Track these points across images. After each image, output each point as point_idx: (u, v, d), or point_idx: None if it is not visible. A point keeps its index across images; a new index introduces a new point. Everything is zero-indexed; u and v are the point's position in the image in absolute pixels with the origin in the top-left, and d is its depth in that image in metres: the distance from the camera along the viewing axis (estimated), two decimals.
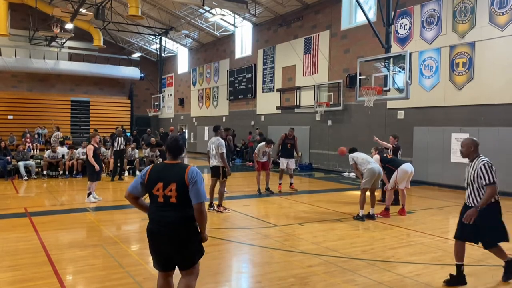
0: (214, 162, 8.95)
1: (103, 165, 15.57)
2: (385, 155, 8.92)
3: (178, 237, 3.42)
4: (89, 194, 9.90)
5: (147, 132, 20.49)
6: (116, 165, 14.11)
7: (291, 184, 12.19)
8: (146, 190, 3.55)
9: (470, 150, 4.87)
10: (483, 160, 4.78)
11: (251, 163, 20.14)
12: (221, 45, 25.68)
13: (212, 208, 8.86)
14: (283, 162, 12.10)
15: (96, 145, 10.24)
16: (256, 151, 11.58)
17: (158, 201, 3.45)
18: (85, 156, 12.02)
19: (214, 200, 9.07)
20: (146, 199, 3.70)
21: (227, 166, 8.84)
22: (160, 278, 3.66)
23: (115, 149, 14.00)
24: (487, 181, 4.70)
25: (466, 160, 5.02)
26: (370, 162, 8.39)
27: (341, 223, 7.97)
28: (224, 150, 8.71)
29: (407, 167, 8.53)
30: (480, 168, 4.73)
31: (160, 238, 3.45)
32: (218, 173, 8.87)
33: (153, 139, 16.95)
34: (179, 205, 3.41)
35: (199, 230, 3.59)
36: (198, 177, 3.43)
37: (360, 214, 8.21)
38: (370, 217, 8.26)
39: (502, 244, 4.93)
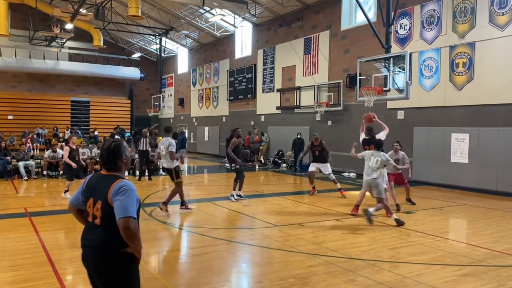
0: (164, 164, 9.10)
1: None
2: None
3: (101, 266, 2.82)
4: (66, 191, 10.37)
5: (151, 130, 19.32)
6: (141, 166, 14.37)
7: (339, 189, 11.25)
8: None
9: None
10: None
11: (250, 163, 20.17)
12: (221, 45, 25.69)
13: (183, 207, 9.01)
14: (312, 168, 11.51)
15: (74, 147, 10.66)
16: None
17: (88, 219, 2.92)
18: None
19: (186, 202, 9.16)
20: None
21: (178, 158, 9.08)
22: None
23: (139, 149, 14.17)
24: None
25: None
26: (367, 172, 8.05)
27: (342, 223, 7.97)
28: (174, 150, 8.82)
29: None
30: None
31: (86, 265, 2.92)
32: (171, 175, 8.90)
33: (159, 139, 16.89)
34: (105, 228, 2.79)
35: (131, 260, 2.86)
36: (124, 191, 2.75)
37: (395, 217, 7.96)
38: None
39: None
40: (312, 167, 11.51)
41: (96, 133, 25.77)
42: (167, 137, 9.04)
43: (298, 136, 17.88)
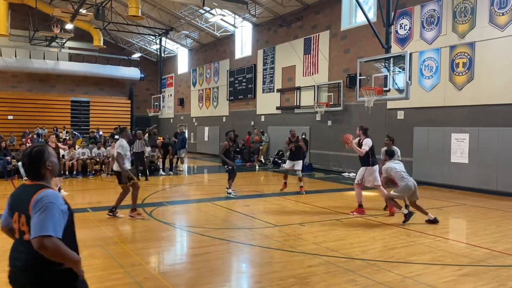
0: (114, 166, 8.56)
1: (103, 166, 15.66)
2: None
3: None
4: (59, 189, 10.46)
5: (150, 131, 19.55)
6: (137, 167, 14.27)
7: (301, 187, 11.78)
8: None
9: None
10: None
11: (250, 163, 20.19)
12: (221, 46, 25.69)
13: (111, 213, 8.31)
14: (288, 164, 11.94)
15: (53, 146, 10.65)
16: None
17: (15, 236, 2.58)
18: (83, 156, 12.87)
19: (138, 206, 8.59)
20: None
21: (122, 169, 8.13)
22: None
23: (133, 151, 14.13)
24: None
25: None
26: (405, 176, 8.01)
27: (342, 223, 7.97)
28: (120, 151, 8.12)
29: None
30: None
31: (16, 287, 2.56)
32: (119, 179, 8.32)
33: (160, 139, 16.98)
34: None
35: (72, 277, 2.52)
36: (42, 204, 2.40)
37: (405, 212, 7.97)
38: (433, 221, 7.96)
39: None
40: (289, 164, 11.93)
41: (100, 133, 25.77)
42: (120, 139, 8.49)
43: (303, 136, 17.88)
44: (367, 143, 8.91)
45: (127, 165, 8.32)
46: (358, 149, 8.92)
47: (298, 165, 11.77)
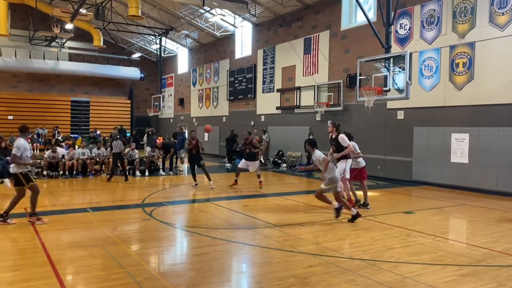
0: (10, 168, 7.93)
1: (103, 166, 15.66)
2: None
3: None
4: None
5: (149, 131, 19.30)
6: (114, 166, 14.35)
7: (260, 181, 12.71)
8: None
9: None
10: None
11: None
12: (221, 45, 25.69)
13: (30, 222, 7.65)
14: (243, 164, 12.75)
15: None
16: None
17: None
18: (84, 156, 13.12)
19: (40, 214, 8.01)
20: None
21: (27, 164, 7.75)
22: None
23: (113, 151, 14.19)
24: None
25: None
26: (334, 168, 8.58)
27: (341, 223, 7.97)
28: (15, 152, 7.63)
29: None
30: None
31: None
32: (20, 181, 7.84)
33: (159, 140, 16.97)
34: None
35: None
36: None
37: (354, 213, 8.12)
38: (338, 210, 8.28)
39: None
40: (243, 164, 12.69)
41: (98, 132, 25.76)
42: (18, 138, 7.91)
43: (311, 137, 17.83)
44: (345, 138, 9.04)
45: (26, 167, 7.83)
46: (345, 151, 9.07)
47: (255, 167, 12.58)
